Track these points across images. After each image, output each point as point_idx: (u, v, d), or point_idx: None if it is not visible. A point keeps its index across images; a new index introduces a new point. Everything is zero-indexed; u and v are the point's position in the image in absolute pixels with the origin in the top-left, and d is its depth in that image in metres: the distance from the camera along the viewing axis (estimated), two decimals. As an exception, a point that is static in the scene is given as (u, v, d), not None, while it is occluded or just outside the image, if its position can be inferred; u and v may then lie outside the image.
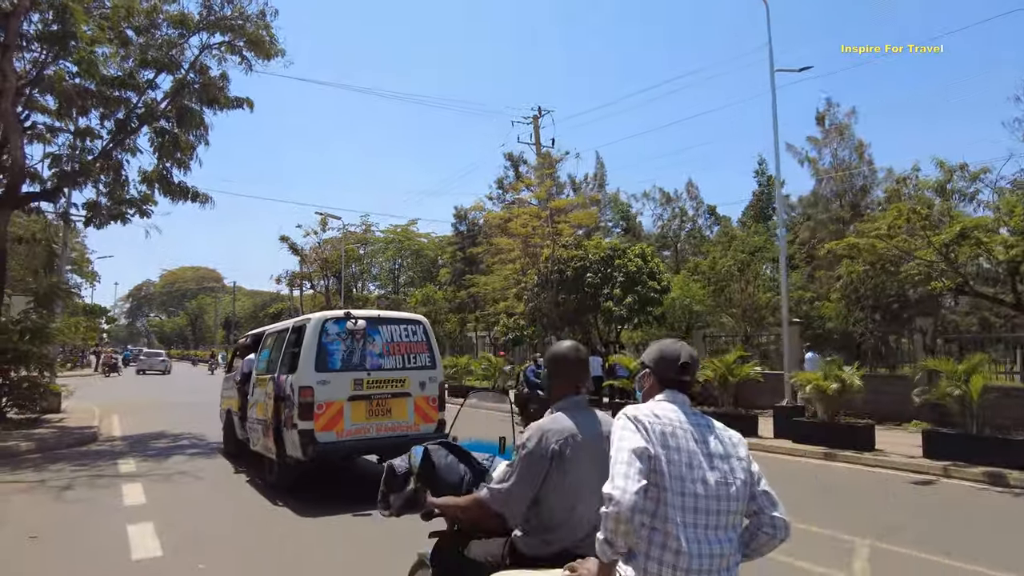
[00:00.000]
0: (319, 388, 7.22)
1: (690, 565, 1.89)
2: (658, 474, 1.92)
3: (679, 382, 2.16)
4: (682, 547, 1.89)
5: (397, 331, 8.02)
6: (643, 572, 1.92)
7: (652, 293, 18.35)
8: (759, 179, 31.15)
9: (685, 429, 2.02)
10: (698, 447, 2.01)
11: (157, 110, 13.72)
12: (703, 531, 1.93)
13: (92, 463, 9.53)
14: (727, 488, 1.99)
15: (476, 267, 38.39)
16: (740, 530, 2.05)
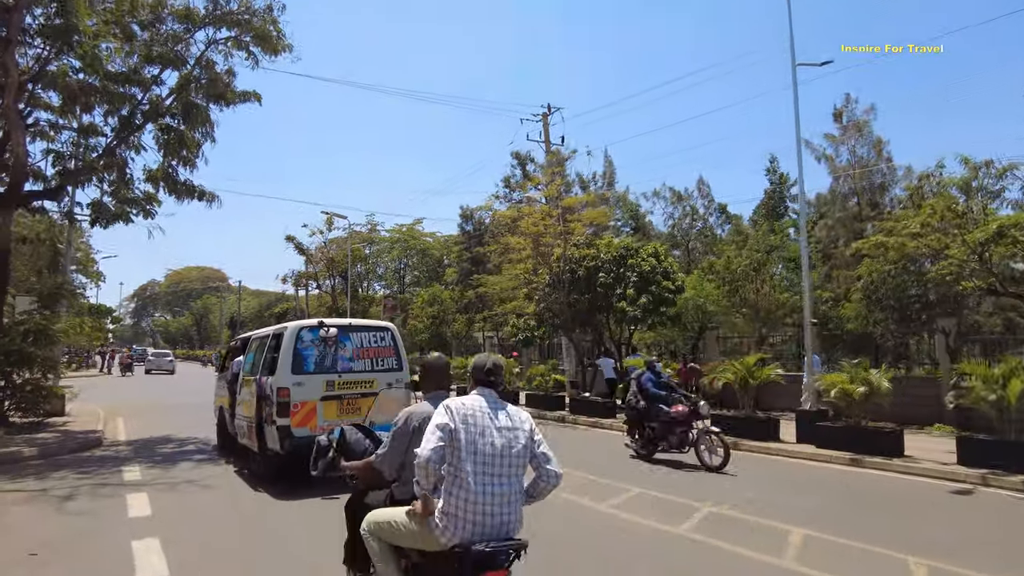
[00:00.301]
0: (295, 389, 8.13)
1: (476, 500, 2.92)
2: (456, 440, 2.95)
3: (487, 382, 3.30)
4: (471, 487, 2.92)
5: (366, 337, 8.96)
6: (446, 502, 2.94)
7: (666, 293, 17.95)
8: (771, 177, 30.70)
9: (483, 411, 3.09)
10: (491, 422, 3.06)
11: (162, 107, 13.41)
12: (489, 478, 2.96)
13: (96, 470, 9.21)
14: (510, 449, 3.04)
15: (483, 267, 38.07)
16: (522, 478, 3.11)
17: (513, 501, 3.04)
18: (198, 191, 14.02)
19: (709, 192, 31.99)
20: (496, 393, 3.28)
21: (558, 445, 10.76)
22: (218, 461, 9.96)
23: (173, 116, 13.79)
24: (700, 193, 32.64)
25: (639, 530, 6.38)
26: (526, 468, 3.14)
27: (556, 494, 3.53)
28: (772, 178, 30.71)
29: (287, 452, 7.86)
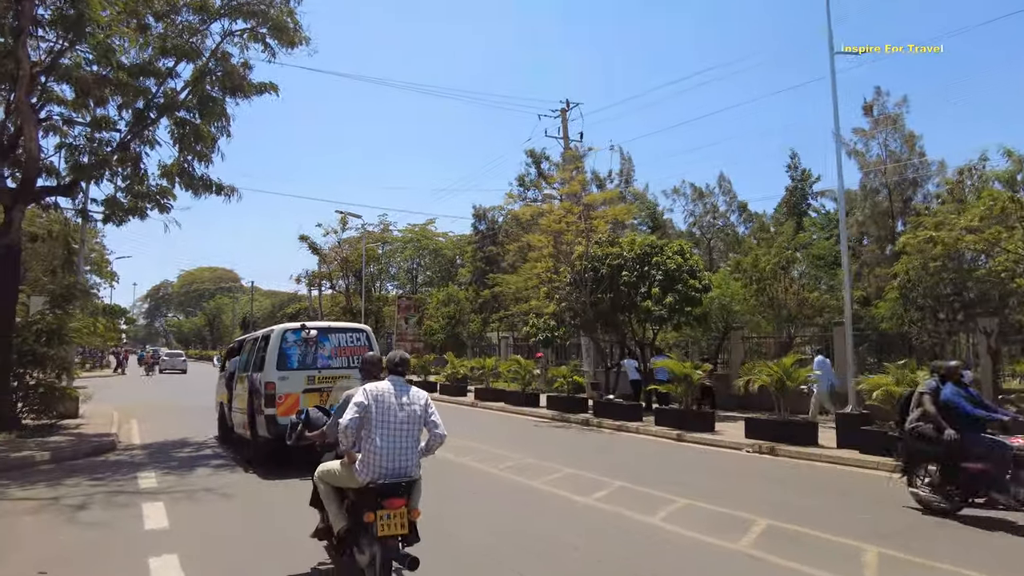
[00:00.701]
0: (280, 383, 9.39)
1: (381, 452, 4.23)
2: (369, 412, 4.26)
3: (396, 371, 4.55)
4: (377, 444, 4.23)
5: (344, 338, 10.22)
6: (363, 453, 4.27)
7: (693, 292, 17.38)
8: (792, 173, 30.02)
9: (391, 392, 4.37)
10: (395, 400, 4.35)
11: (177, 100, 13.02)
12: (391, 438, 4.28)
13: (110, 477, 8.80)
14: (408, 418, 4.36)
15: (496, 266, 37.63)
16: (418, 438, 4.46)
17: (410, 454, 4.42)
18: (215, 185, 13.61)
19: (731, 188, 31.30)
20: (402, 379, 4.59)
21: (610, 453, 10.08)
22: (235, 467, 9.53)
23: (188, 110, 13.40)
24: (721, 189, 31.94)
25: None
26: (421, 431, 4.54)
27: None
28: (793, 174, 30.01)
29: (274, 437, 8.97)
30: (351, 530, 4.52)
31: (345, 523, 4.59)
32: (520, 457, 10.47)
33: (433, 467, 9.37)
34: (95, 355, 43.14)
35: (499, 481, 8.66)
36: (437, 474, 8.78)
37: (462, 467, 9.65)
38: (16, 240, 11.73)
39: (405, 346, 36.34)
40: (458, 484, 8.34)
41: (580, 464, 9.83)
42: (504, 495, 7.87)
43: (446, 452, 10.86)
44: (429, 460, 4.85)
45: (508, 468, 9.52)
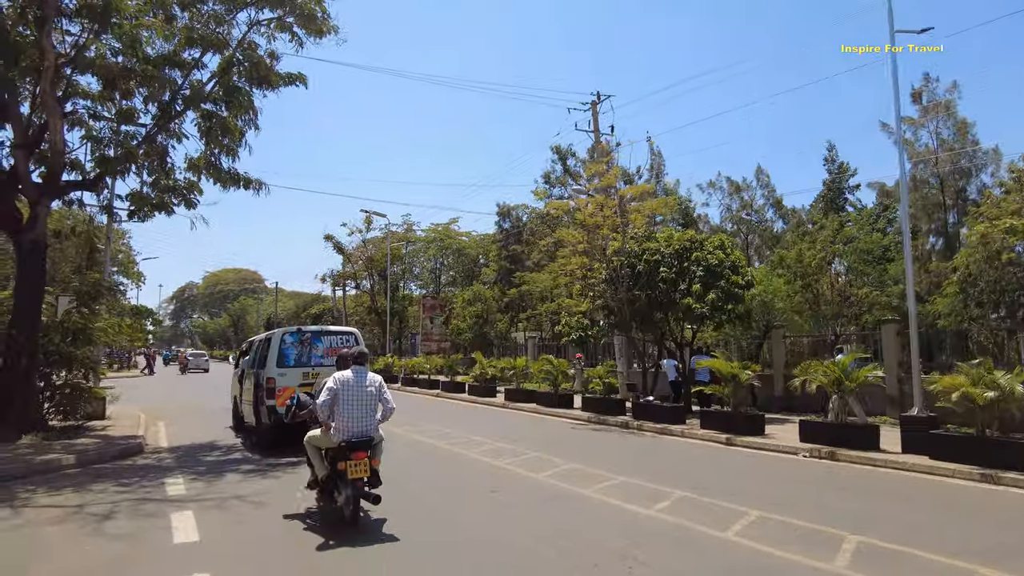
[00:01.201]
0: (279, 378, 10.94)
1: (347, 421, 6.15)
2: (338, 395, 6.20)
3: (358, 362, 6.47)
4: (344, 416, 6.15)
5: (335, 339, 11.75)
6: (335, 423, 6.19)
7: (735, 288, 16.61)
8: (829, 167, 28.96)
9: (353, 378, 6.30)
10: (356, 384, 6.28)
11: (204, 92, 12.61)
12: (355, 411, 6.20)
13: (137, 482, 8.35)
14: (367, 398, 6.30)
15: (522, 265, 37.05)
16: (375, 410, 6.36)
17: (369, 421, 6.28)
18: (243, 179, 13.19)
19: (769, 182, 30.27)
20: (363, 368, 6.48)
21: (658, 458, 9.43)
22: (266, 473, 9.04)
23: (215, 102, 12.99)
24: (759, 183, 30.91)
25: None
26: (377, 405, 6.39)
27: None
28: (831, 168, 28.95)
29: (274, 424, 10.67)
30: (330, 477, 6.40)
31: (326, 472, 6.45)
32: (563, 462, 9.85)
33: (475, 473, 8.84)
34: (121, 355, 43.37)
35: (545, 488, 8.04)
36: (481, 480, 8.26)
37: (503, 472, 9.05)
38: (41, 236, 11.40)
39: (431, 346, 35.91)
40: (505, 491, 7.74)
41: (630, 471, 9.18)
42: (554, 504, 7.25)
43: (486, 456, 10.47)
44: (475, 467, 7.76)
45: (554, 475, 8.91)
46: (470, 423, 15.36)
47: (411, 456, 10.64)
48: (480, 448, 11.24)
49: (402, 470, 9.34)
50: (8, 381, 11.09)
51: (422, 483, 8.51)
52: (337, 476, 6.18)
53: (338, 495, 6.20)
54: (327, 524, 6.35)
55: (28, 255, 11.22)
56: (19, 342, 11.01)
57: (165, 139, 12.99)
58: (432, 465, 9.85)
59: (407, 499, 7.36)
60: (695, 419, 15.20)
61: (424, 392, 25.90)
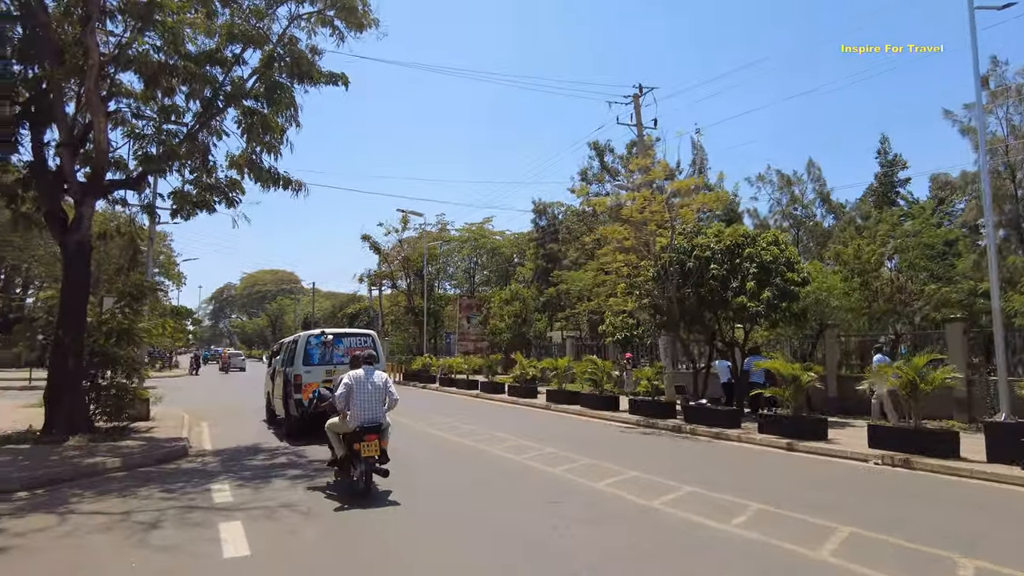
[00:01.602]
0: (305, 375, 12.35)
1: (361, 411, 7.50)
2: (352, 390, 7.56)
3: (367, 363, 7.89)
4: (358, 406, 7.51)
5: (355, 341, 13.23)
6: (351, 412, 7.50)
7: (792, 286, 15.83)
8: (880, 160, 27.71)
9: (363, 376, 7.68)
10: (366, 380, 7.66)
11: (244, 88, 12.39)
12: (365, 403, 7.55)
13: (182, 487, 8.08)
14: (376, 391, 7.66)
15: (559, 264, 36.48)
16: (383, 402, 7.72)
17: (377, 410, 7.61)
18: (283, 179, 12.95)
19: (820, 175, 29.07)
20: (371, 367, 7.87)
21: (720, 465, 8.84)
22: (314, 478, 8.69)
23: (256, 99, 12.77)
24: (810, 176, 29.73)
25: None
26: (385, 397, 7.73)
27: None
28: (882, 160, 27.71)
29: (300, 416, 11.69)
30: (347, 456, 7.72)
31: (343, 452, 7.78)
32: (620, 469, 9.32)
33: (532, 483, 8.37)
34: (163, 356, 44.06)
35: (609, 501, 7.52)
36: (541, 492, 7.66)
37: (562, 481, 8.55)
38: (86, 237, 11.31)
39: (467, 345, 35.58)
40: (568, 503, 7.24)
41: (693, 479, 8.61)
42: (622, 520, 6.72)
43: (538, 463, 9.90)
44: (531, 476, 8.67)
45: (615, 484, 8.38)
46: (516, 426, 14.91)
47: (460, 460, 10.23)
48: (530, 453, 10.76)
49: (457, 476, 8.94)
50: (55, 383, 11.02)
51: (480, 493, 8.07)
52: (353, 455, 7.61)
53: (354, 470, 7.69)
54: (344, 494, 7.71)
55: (74, 256, 11.13)
56: (65, 343, 10.92)
57: (206, 137, 12.82)
58: (485, 471, 9.40)
59: (477, 521, 6.92)
60: (750, 423, 14.53)
61: (463, 392, 25.54)
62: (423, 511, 7.05)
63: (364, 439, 7.43)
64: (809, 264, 18.14)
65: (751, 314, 15.89)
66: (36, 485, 8.08)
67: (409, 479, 8.58)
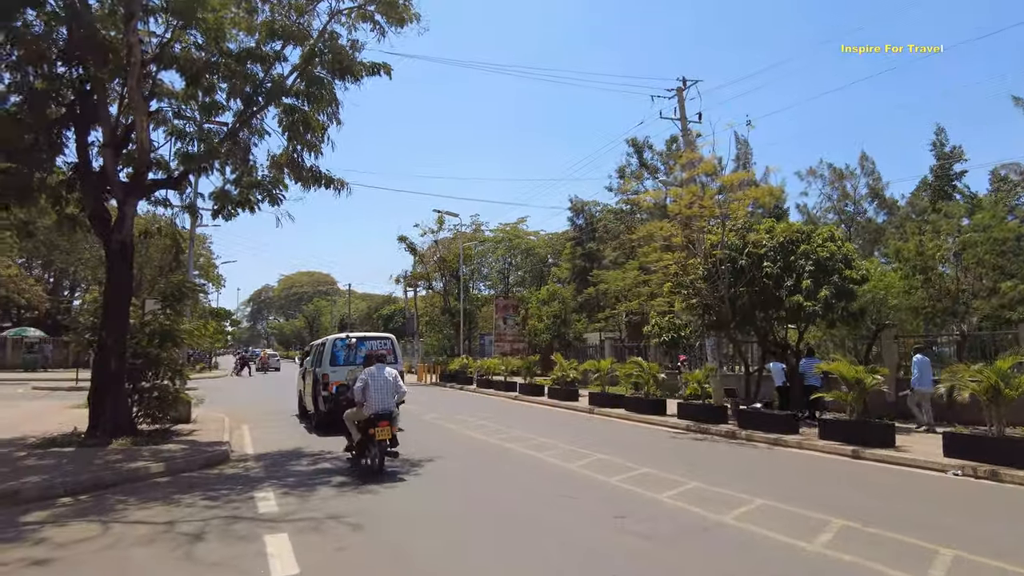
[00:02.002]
0: (331, 374, 13.80)
1: (374, 401, 8.95)
2: (368, 384, 9.04)
3: (377, 361, 9.43)
4: (373, 397, 8.97)
5: (375, 344, 14.77)
6: (366, 402, 8.97)
7: (850, 284, 15.03)
8: (935, 152, 26.39)
9: (376, 372, 9.19)
10: (379, 375, 9.16)
11: (285, 85, 12.16)
12: (379, 395, 9.02)
13: (226, 496, 7.79)
14: (387, 384, 9.15)
15: (598, 263, 35.81)
16: (393, 394, 9.19)
17: (388, 401, 9.03)
18: (325, 178, 12.71)
19: (874, 168, 27.80)
20: (383, 365, 9.38)
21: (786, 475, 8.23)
22: (359, 486, 8.34)
23: (296, 96, 12.54)
24: (863, 170, 28.49)
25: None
26: (395, 390, 9.21)
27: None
28: (938, 153, 26.39)
29: (327, 411, 13.01)
30: (362, 441, 9.05)
31: (360, 437, 9.08)
32: (679, 479, 8.77)
33: (592, 494, 7.86)
34: (203, 357, 44.64)
35: (677, 515, 6.98)
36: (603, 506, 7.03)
37: (622, 493, 8.02)
38: (128, 237, 11.18)
39: (504, 346, 35.15)
40: (633, 517, 6.72)
41: (760, 490, 8.01)
42: (699, 537, 6.18)
43: (591, 471, 9.10)
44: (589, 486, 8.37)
45: (677, 495, 7.83)
46: (561, 430, 14.41)
47: (510, 468, 9.78)
48: (582, 461, 10.25)
49: (510, 486, 8.49)
50: (99, 385, 10.92)
51: (539, 507, 7.60)
52: (367, 439, 8.96)
53: (368, 452, 9.07)
54: (360, 473, 9.12)
55: (116, 256, 11.02)
56: (108, 345, 10.81)
57: (247, 136, 12.65)
58: (539, 481, 8.94)
59: (543, 539, 6.45)
60: (808, 428, 13.81)
61: (501, 394, 25.11)
62: (477, 526, 6.64)
63: (378, 425, 8.82)
64: (865, 261, 17.21)
65: (808, 314, 15.12)
66: (80, 491, 7.88)
67: (461, 489, 8.17)
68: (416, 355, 47.26)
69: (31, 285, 32.43)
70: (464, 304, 36.25)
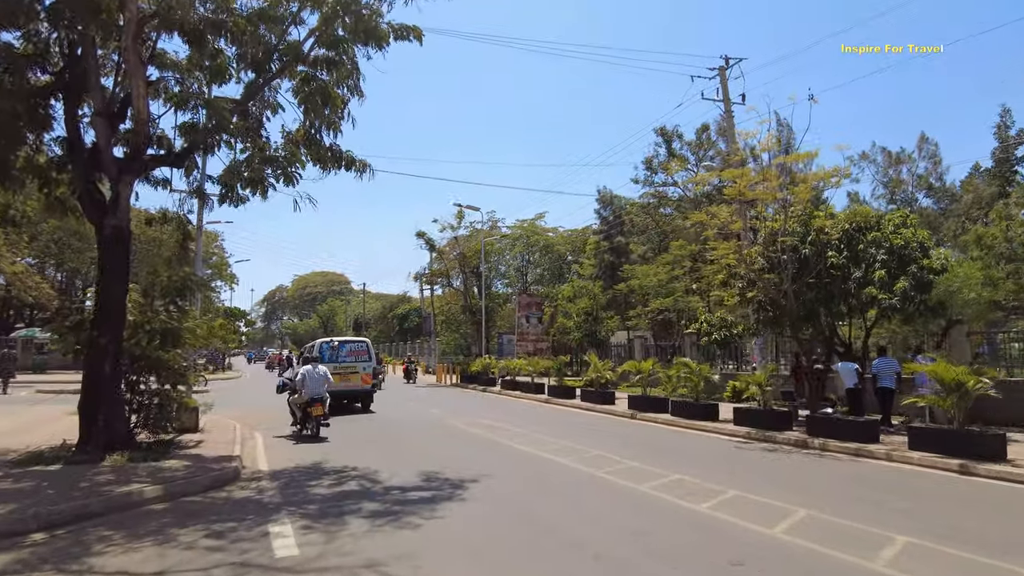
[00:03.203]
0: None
1: (309, 389, 12.90)
2: (305, 378, 12.98)
3: (313, 361, 14.00)
4: (308, 387, 12.92)
5: (353, 346, 19.42)
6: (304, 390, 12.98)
7: (930, 274, 13.40)
8: (998, 135, 24.47)
9: (311, 370, 13.14)
10: (314, 372, 13.11)
11: (301, 51, 10.69)
12: (314, 385, 12.93)
13: (233, 531, 6.33)
14: (319, 378, 13.14)
15: (626, 257, 34.18)
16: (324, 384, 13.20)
17: (321, 390, 12.96)
18: (346, 158, 11.24)
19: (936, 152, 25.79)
20: (317, 362, 13.95)
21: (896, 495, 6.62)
22: (399, 516, 6.83)
23: (315, 65, 11.09)
24: (922, 154, 26.52)
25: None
26: (325, 382, 13.24)
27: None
28: (1002, 135, 24.49)
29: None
30: (304, 417, 13.06)
31: (301, 414, 13.14)
32: (778, 504, 7.24)
33: (680, 526, 6.35)
34: (216, 357, 43.44)
35: (814, 561, 5.43)
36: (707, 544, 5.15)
37: (720, 527, 6.46)
38: (125, 220, 9.76)
39: (527, 346, 33.61)
40: (753, 563, 5.18)
41: (895, 522, 6.43)
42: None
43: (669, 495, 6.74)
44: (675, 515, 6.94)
45: (792, 528, 6.28)
46: (609, 440, 12.86)
47: (574, 492, 8.24)
48: (654, 481, 8.65)
49: (586, 518, 6.90)
50: (91, 391, 9.51)
51: (631, 545, 6.06)
52: (306, 416, 12.93)
53: (308, 425, 12.96)
54: (302, 439, 12.65)
55: (109, 243, 9.60)
56: (101, 345, 9.41)
57: (259, 109, 11.23)
58: (614, 508, 7.41)
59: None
60: (895, 435, 12.24)
61: (529, 397, 23.55)
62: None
63: (314, 406, 12.76)
64: (942, 250, 15.52)
65: (884, 308, 13.49)
66: (58, 523, 6.46)
67: (520, 520, 6.67)
68: (433, 355, 45.85)
69: (38, 283, 31.37)
70: (485, 301, 34.72)
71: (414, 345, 56.95)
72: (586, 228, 48.04)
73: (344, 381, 17.92)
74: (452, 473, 9.00)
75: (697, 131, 33.39)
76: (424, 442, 12.63)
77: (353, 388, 18.39)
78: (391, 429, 14.72)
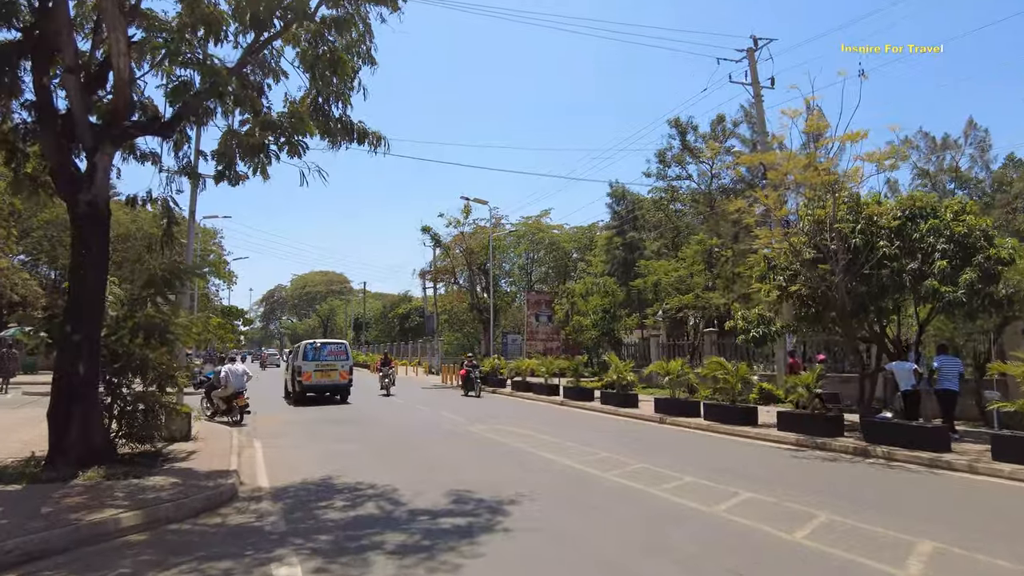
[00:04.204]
0: (303, 367, 21.04)
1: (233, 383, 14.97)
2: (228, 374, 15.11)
3: (235, 361, 16.27)
4: (231, 382, 15.02)
5: (333, 347, 22.61)
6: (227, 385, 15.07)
7: (997, 265, 12.16)
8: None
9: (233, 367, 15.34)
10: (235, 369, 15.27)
11: (308, 7, 9.38)
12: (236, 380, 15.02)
13: (229, 570, 5.04)
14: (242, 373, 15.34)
15: (639, 253, 32.95)
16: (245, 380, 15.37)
17: (242, 384, 15.11)
18: (358, 131, 9.94)
19: (985, 138, 24.26)
20: (240, 362, 16.29)
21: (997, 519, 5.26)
22: (433, 553, 5.51)
23: (323, 26, 9.79)
24: (969, 141, 25.06)
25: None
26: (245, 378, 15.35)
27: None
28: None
29: (300, 391, 20.94)
30: (226, 409, 15.06)
31: (223, 406, 15.16)
32: (874, 528, 6.06)
33: (777, 560, 5.07)
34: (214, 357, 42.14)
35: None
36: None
37: (808, 556, 5.17)
38: (102, 196, 8.43)
39: (537, 345, 32.32)
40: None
41: (986, 547, 5.17)
42: None
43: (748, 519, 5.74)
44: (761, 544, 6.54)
45: (913, 562, 5.00)
46: (650, 450, 11.59)
47: (631, 519, 6.91)
48: (727, 503, 7.32)
49: (641, 551, 5.56)
50: (63, 396, 8.18)
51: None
52: (230, 407, 14.90)
53: (232, 414, 14.86)
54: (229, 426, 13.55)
55: (84, 222, 8.26)
56: (75, 342, 8.09)
57: (260, 77, 9.92)
58: (680, 536, 6.11)
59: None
60: (970, 443, 11.03)
61: (544, 399, 22.24)
62: None
63: (237, 398, 14.86)
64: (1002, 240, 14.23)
65: (948, 302, 12.23)
66: (4, 567, 5.16)
67: (572, 553, 5.36)
68: (436, 355, 44.50)
69: (24, 280, 30.01)
70: (494, 300, 33.40)
71: (415, 345, 55.66)
72: (592, 225, 46.73)
73: (325, 377, 21.08)
74: (485, 493, 7.70)
75: (712, 123, 32.12)
76: (445, 453, 11.25)
77: (333, 383, 21.26)
78: (406, 437, 13.39)
